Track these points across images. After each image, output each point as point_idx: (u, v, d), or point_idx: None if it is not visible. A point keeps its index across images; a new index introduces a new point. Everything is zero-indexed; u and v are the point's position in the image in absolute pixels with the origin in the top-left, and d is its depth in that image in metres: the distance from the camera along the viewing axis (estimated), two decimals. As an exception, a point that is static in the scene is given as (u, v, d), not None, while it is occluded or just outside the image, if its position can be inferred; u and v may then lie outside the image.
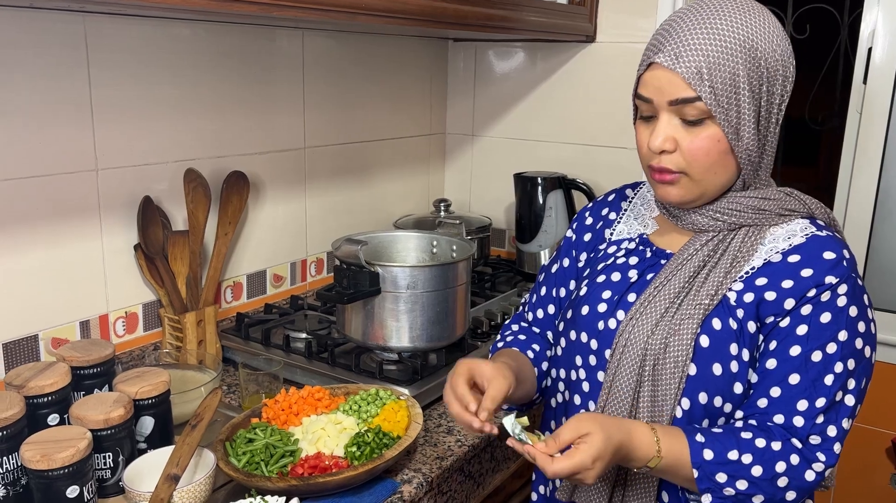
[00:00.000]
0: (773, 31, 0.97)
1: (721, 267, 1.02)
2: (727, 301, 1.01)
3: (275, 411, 1.29)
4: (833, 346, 0.97)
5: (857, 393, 0.99)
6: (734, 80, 0.95)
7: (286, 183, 1.87)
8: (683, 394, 1.00)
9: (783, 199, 1.04)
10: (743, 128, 0.97)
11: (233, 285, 1.77)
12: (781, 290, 0.99)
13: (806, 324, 0.97)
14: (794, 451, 0.95)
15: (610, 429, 0.93)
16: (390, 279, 1.46)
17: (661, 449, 0.95)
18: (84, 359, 1.22)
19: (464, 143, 2.40)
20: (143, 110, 1.50)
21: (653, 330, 1.02)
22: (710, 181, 1.01)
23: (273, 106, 1.79)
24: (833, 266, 0.99)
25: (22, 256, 1.34)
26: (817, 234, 1.02)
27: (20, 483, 1.07)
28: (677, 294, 1.03)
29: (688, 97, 0.95)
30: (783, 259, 1.01)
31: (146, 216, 1.47)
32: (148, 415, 1.21)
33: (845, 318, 0.97)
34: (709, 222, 1.05)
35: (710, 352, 0.99)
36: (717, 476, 0.95)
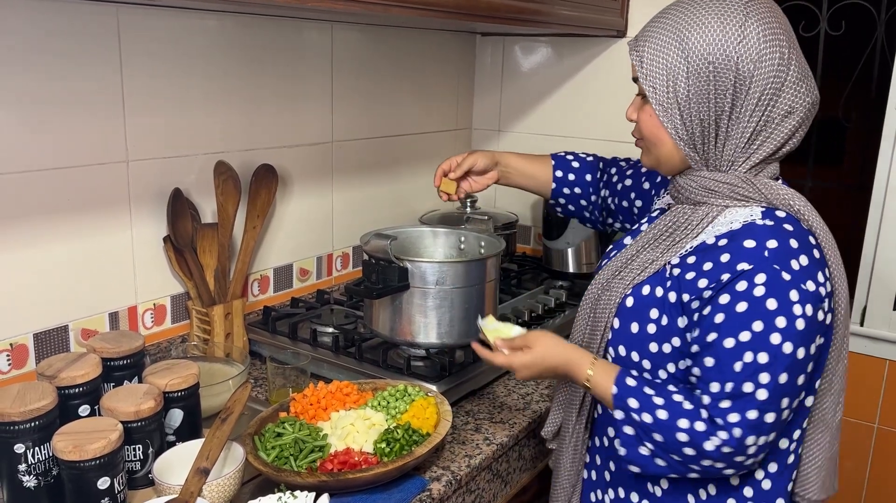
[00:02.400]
0: (711, 33, 1.04)
1: (667, 242, 1.14)
2: (663, 272, 1.12)
3: (303, 405, 1.29)
4: (746, 335, 1.00)
5: (773, 388, 1.00)
6: (667, 68, 1.06)
7: (313, 177, 1.86)
8: (610, 344, 1.17)
9: (736, 184, 1.08)
10: (670, 110, 1.08)
11: (260, 279, 1.77)
12: (700, 272, 1.07)
13: (723, 312, 1.02)
14: (701, 419, 1.03)
15: (550, 349, 1.16)
16: (419, 274, 1.45)
17: (591, 378, 1.12)
18: (114, 351, 1.22)
19: (490, 139, 2.38)
20: (173, 102, 1.50)
21: (603, 285, 1.19)
22: (656, 151, 1.14)
23: (301, 99, 1.78)
24: (750, 254, 1.03)
25: (52, 247, 1.34)
26: (755, 223, 1.06)
27: (51, 474, 1.07)
28: (629, 259, 1.18)
29: (634, 76, 1.12)
30: (715, 242, 1.08)
31: (176, 208, 1.47)
32: (177, 408, 1.21)
33: (761, 310, 1.00)
34: (676, 193, 1.17)
35: (632, 312, 1.13)
36: (629, 400, 1.07)
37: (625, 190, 1.45)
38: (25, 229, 1.30)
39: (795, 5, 2.12)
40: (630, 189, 1.44)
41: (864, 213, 2.00)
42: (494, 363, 1.21)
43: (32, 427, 1.04)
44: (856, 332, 2.00)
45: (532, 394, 1.53)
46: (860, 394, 2.02)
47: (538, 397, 1.52)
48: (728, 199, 1.09)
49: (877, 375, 2.01)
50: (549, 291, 1.94)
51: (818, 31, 2.11)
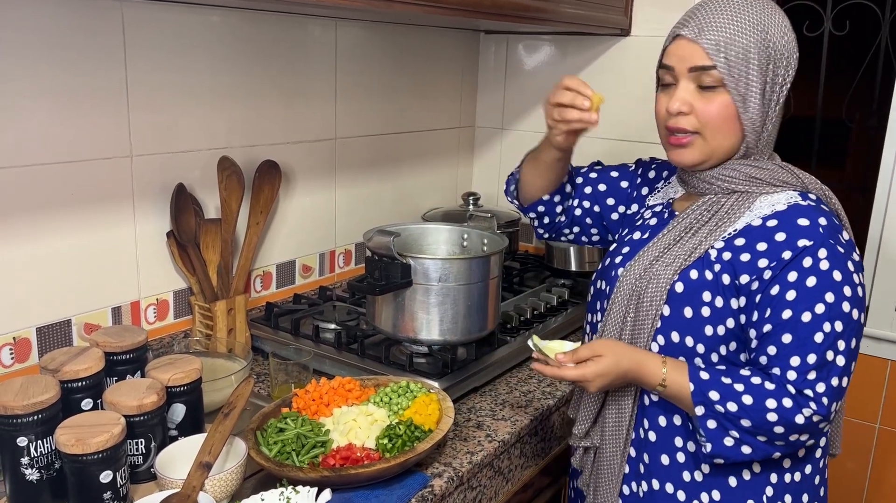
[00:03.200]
0: (782, 22, 1.12)
1: (707, 227, 1.16)
2: (708, 256, 1.14)
3: (305, 401, 1.29)
4: (821, 307, 1.05)
5: (847, 353, 1.06)
6: (746, 56, 1.09)
7: (316, 173, 1.86)
8: (659, 332, 1.16)
9: (776, 171, 1.15)
10: (749, 98, 1.10)
11: (262, 275, 1.77)
12: (755, 252, 1.10)
13: (794, 289, 1.06)
14: (787, 395, 1.05)
15: (621, 355, 1.14)
16: (422, 271, 1.45)
17: (667, 377, 1.11)
18: (117, 345, 1.22)
19: (493, 137, 2.38)
20: (177, 98, 1.50)
21: (641, 275, 1.18)
22: (718, 143, 1.13)
23: (305, 96, 1.78)
24: (807, 231, 1.08)
25: (56, 241, 1.34)
26: (799, 203, 1.13)
27: (54, 467, 1.07)
28: (667, 247, 1.18)
29: (705, 65, 1.10)
30: (762, 223, 1.12)
31: (179, 203, 1.47)
32: (180, 403, 1.21)
33: (830, 282, 1.05)
34: (707, 186, 1.18)
35: (683, 297, 1.14)
36: (710, 393, 1.07)
37: (599, 194, 1.41)
38: (29, 223, 1.30)
39: (800, 5, 2.12)
40: (606, 193, 1.40)
41: (867, 214, 2.00)
42: (565, 377, 1.16)
43: (35, 420, 1.04)
44: (858, 333, 2.00)
45: (534, 392, 1.53)
46: (862, 394, 2.02)
47: (540, 394, 1.52)
48: (769, 185, 1.14)
49: (879, 376, 2.01)
50: (551, 290, 1.94)
51: (822, 30, 2.11)
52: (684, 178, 1.23)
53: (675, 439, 1.18)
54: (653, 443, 1.20)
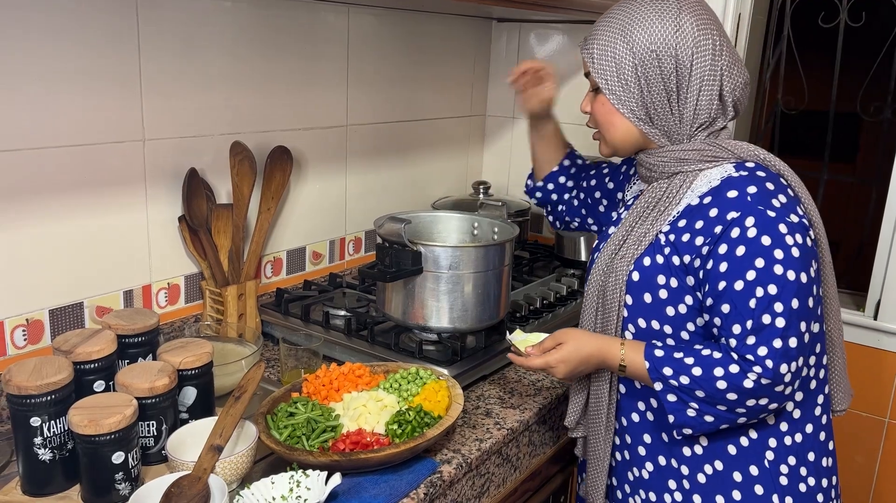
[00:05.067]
0: (651, 25, 1.16)
1: (653, 213, 1.22)
2: (658, 241, 1.20)
3: (315, 386, 1.29)
4: (752, 274, 1.08)
5: (788, 314, 1.08)
6: (615, 60, 1.18)
7: (327, 160, 1.86)
8: (627, 320, 1.23)
9: (704, 149, 1.19)
10: (628, 96, 1.19)
11: (273, 261, 1.77)
12: (694, 231, 1.15)
13: (725, 260, 1.10)
14: (733, 362, 1.09)
15: (581, 342, 1.22)
16: (432, 259, 1.45)
17: (625, 358, 1.18)
18: (129, 328, 1.23)
19: (504, 126, 2.37)
20: (189, 83, 1.50)
21: (604, 270, 1.25)
22: (611, 137, 1.24)
23: (317, 82, 1.78)
24: (734, 202, 1.12)
25: (68, 224, 1.35)
26: (731, 176, 1.16)
27: (66, 447, 1.08)
28: (622, 239, 1.25)
29: (586, 72, 1.23)
30: (700, 202, 1.17)
31: (191, 188, 1.48)
32: (191, 386, 1.21)
33: (758, 247, 1.08)
34: (646, 173, 1.26)
35: (640, 285, 1.20)
36: (664, 369, 1.13)
37: (590, 188, 1.52)
38: (42, 206, 1.31)
39: (816, -4, 2.10)
40: (595, 188, 1.51)
41: (879, 208, 1.99)
42: (532, 366, 1.25)
43: (48, 401, 1.05)
44: (869, 326, 2.00)
45: (543, 381, 1.53)
46: (872, 388, 2.01)
47: (548, 383, 1.52)
48: (700, 163, 1.19)
49: (889, 370, 2.00)
50: (561, 279, 1.94)
51: (838, 22, 2.09)
52: (636, 168, 1.31)
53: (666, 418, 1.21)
54: (651, 422, 1.25)
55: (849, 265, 2.44)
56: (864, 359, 2.01)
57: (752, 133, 2.41)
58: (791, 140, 2.44)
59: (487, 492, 1.34)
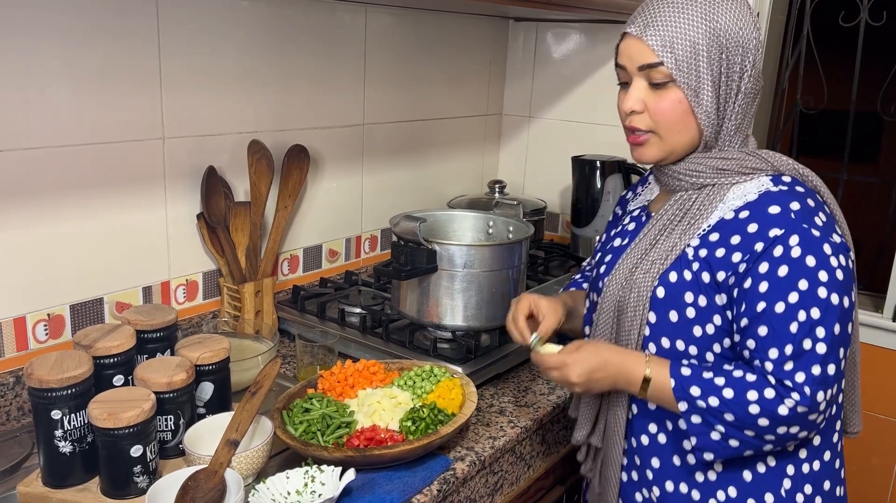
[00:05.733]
0: (734, 9, 1.08)
1: (681, 226, 1.13)
2: (685, 256, 1.11)
3: (330, 383, 1.30)
4: (794, 296, 1.02)
5: (830, 340, 1.02)
6: (694, 49, 1.06)
7: (344, 159, 1.87)
8: (649, 339, 1.14)
9: (743, 159, 1.12)
10: (702, 92, 1.08)
11: (290, 258, 1.79)
12: (730, 246, 1.08)
13: (766, 280, 1.03)
14: (769, 386, 1.03)
15: (602, 346, 1.14)
16: (447, 257, 1.45)
17: (650, 372, 1.09)
18: (148, 324, 1.25)
19: (520, 125, 2.37)
20: (209, 82, 1.52)
21: (622, 284, 1.16)
22: (675, 139, 1.11)
23: (334, 82, 1.79)
24: (778, 219, 1.05)
25: (90, 221, 1.37)
26: (770, 190, 1.09)
27: (86, 440, 1.10)
28: (644, 251, 1.16)
29: (653, 62, 1.08)
30: (735, 216, 1.09)
31: (210, 186, 1.49)
32: (208, 381, 1.23)
33: (803, 269, 1.02)
34: (675, 182, 1.16)
35: (666, 302, 1.11)
36: (692, 389, 1.06)
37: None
38: (63, 204, 1.33)
39: (836, -6, 2.08)
40: None
41: (900, 208, 1.97)
42: (548, 364, 1.16)
43: (69, 394, 1.07)
44: (888, 328, 1.98)
45: (557, 380, 1.53)
46: (889, 390, 1.99)
47: (563, 383, 1.52)
48: (737, 175, 1.11)
49: (907, 372, 1.98)
50: (576, 279, 1.94)
51: (858, 21, 2.07)
52: (656, 175, 1.21)
53: (683, 442, 1.14)
54: (662, 445, 1.17)
55: (868, 266, 2.42)
56: (882, 361, 1.99)
57: (771, 133, 2.40)
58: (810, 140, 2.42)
59: (500, 490, 1.34)
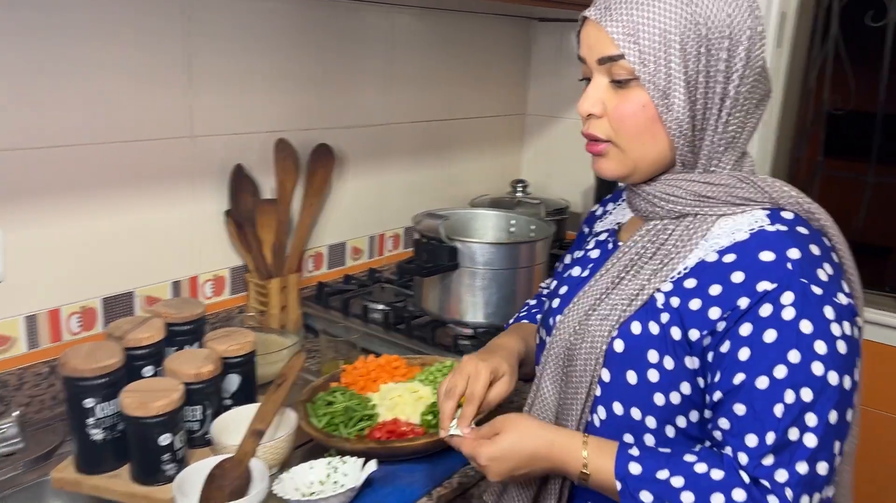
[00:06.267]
0: (741, 3, 0.87)
1: (651, 264, 0.91)
2: (653, 303, 0.89)
3: (353, 377, 1.33)
4: (782, 370, 0.80)
5: (823, 430, 0.80)
6: (664, 39, 0.85)
7: (368, 158, 1.90)
8: (599, 401, 0.93)
9: (734, 185, 0.89)
10: (673, 94, 0.86)
11: (314, 255, 1.82)
12: (707, 298, 0.85)
13: (748, 346, 0.82)
14: (740, 486, 0.81)
15: (526, 434, 0.91)
16: (468, 255, 1.47)
17: (590, 462, 0.88)
18: (177, 316, 1.28)
19: (543, 125, 2.38)
20: (237, 81, 1.55)
21: (575, 328, 0.94)
22: (639, 152, 0.90)
23: (360, 82, 1.82)
24: (770, 269, 0.83)
25: (121, 217, 1.41)
26: (765, 230, 0.87)
27: (117, 428, 1.14)
28: (605, 291, 0.94)
29: (613, 55, 0.87)
30: (718, 259, 0.87)
31: (237, 183, 1.53)
32: (235, 373, 1.26)
33: (796, 336, 0.81)
34: (648, 207, 0.94)
35: (625, 358, 0.90)
36: (641, 494, 0.84)
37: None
38: (96, 200, 1.37)
39: (864, -6, 2.07)
40: None
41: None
42: (464, 452, 0.96)
43: (101, 383, 1.10)
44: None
45: (577, 378, 1.54)
46: None
47: (583, 380, 1.53)
48: (725, 205, 0.89)
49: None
50: (597, 278, 1.95)
51: (887, 21, 2.06)
52: (627, 196, 0.99)
53: None
54: None
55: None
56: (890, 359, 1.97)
57: (797, 134, 2.38)
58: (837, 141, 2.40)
59: (520, 485, 1.36)
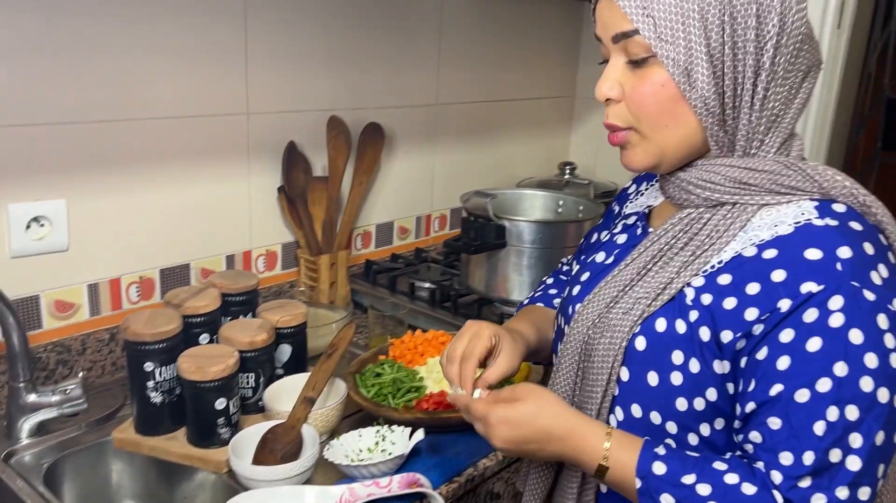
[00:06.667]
0: None
1: (682, 255, 0.84)
2: (682, 299, 0.82)
3: (401, 350, 1.35)
4: (826, 384, 0.73)
5: (868, 453, 0.73)
6: (682, 9, 0.77)
7: (417, 138, 1.92)
8: (616, 401, 0.86)
9: (778, 173, 0.81)
10: (695, 69, 0.78)
11: (363, 234, 1.84)
12: (744, 297, 0.78)
13: (788, 354, 0.74)
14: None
15: (547, 410, 0.84)
16: (516, 233, 1.48)
17: (611, 455, 0.81)
18: (232, 287, 1.32)
19: (593, 107, 2.37)
20: (291, 59, 1.58)
21: (595, 322, 0.88)
22: (662, 138, 0.82)
23: (410, 62, 1.84)
24: (817, 269, 0.74)
25: (179, 191, 1.45)
26: (812, 223, 0.78)
27: (175, 392, 1.18)
28: (629, 282, 0.87)
29: (627, 31, 0.80)
30: (758, 254, 0.79)
31: (290, 160, 1.56)
32: (286, 343, 1.29)
33: (844, 346, 0.73)
34: (683, 194, 0.86)
35: (646, 357, 0.83)
36: (662, 497, 0.77)
37: None
38: (156, 173, 1.41)
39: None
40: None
41: None
42: (470, 411, 0.91)
43: (160, 348, 1.15)
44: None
45: (623, 358, 1.54)
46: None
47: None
48: (768, 193, 0.81)
49: None
50: (645, 261, 1.93)
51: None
52: (660, 183, 0.91)
53: None
54: None
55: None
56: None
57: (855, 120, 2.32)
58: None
59: (564, 462, 1.37)
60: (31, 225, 1.26)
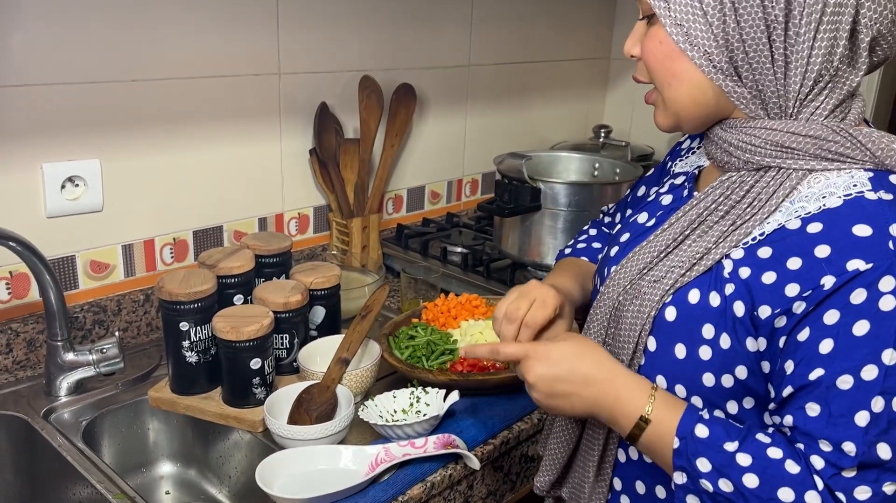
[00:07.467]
0: None
1: (721, 224, 0.80)
2: (719, 270, 0.79)
3: (434, 313, 1.34)
4: (872, 371, 0.69)
5: None
6: None
7: (448, 100, 1.88)
8: (642, 371, 0.84)
9: (826, 137, 0.75)
10: (692, 25, 0.76)
11: (394, 198, 1.83)
12: (784, 272, 0.73)
13: (832, 336, 0.70)
14: (815, 490, 0.71)
15: (588, 356, 0.82)
16: (551, 196, 1.45)
17: (653, 412, 0.77)
18: (266, 249, 1.31)
19: (628, 70, 2.31)
20: (322, 20, 1.55)
21: (626, 287, 0.86)
22: (670, 95, 0.82)
23: (442, 21, 1.80)
24: (865, 246, 0.70)
25: (212, 152, 1.44)
26: (863, 196, 0.73)
27: (210, 352, 1.18)
28: (665, 248, 0.84)
29: None
30: (802, 226, 0.74)
31: (322, 122, 1.54)
32: (320, 305, 1.29)
33: (893, 331, 0.68)
34: (723, 156, 0.83)
35: (675, 329, 0.80)
36: (699, 461, 0.74)
37: None
38: (189, 134, 1.40)
39: None
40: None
41: None
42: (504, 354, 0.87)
43: (196, 308, 1.15)
44: None
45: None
46: None
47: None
48: (814, 159, 0.76)
49: None
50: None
51: None
52: (703, 141, 0.88)
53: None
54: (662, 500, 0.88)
55: None
56: None
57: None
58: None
59: (598, 427, 1.35)
60: (66, 185, 1.26)
